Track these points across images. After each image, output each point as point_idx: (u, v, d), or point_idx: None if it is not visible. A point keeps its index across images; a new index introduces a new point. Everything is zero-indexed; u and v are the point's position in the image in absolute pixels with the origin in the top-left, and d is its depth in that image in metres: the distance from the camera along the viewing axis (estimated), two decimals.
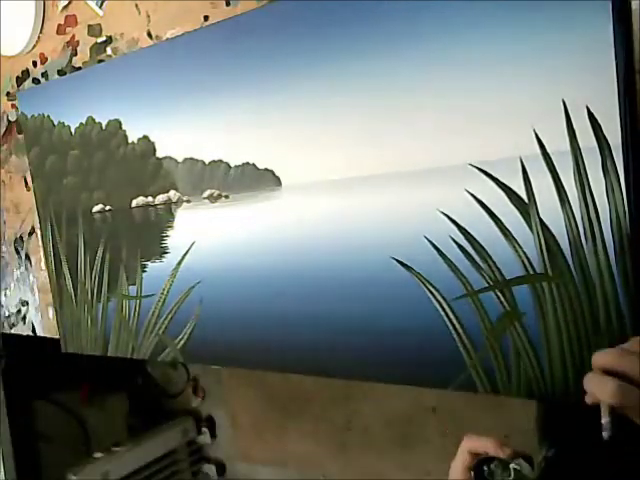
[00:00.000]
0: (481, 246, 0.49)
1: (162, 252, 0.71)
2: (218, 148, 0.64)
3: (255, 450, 1.66)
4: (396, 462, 1.42)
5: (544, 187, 0.46)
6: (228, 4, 0.61)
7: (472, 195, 0.49)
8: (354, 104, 0.54)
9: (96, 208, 0.76)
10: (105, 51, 0.74)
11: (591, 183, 0.44)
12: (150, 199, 0.71)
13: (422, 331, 0.53)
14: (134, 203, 0.72)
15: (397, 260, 0.53)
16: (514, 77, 0.46)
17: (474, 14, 0.47)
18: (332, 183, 0.56)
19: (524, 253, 0.47)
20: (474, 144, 0.48)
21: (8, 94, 0.86)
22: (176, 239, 0.69)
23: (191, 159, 0.66)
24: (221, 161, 0.64)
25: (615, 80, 0.42)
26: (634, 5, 0.42)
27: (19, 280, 0.91)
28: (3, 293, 0.96)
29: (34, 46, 0.81)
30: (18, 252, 0.91)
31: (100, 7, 0.73)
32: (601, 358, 0.37)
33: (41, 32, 0.80)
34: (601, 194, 0.44)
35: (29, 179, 0.85)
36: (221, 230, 0.65)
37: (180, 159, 0.67)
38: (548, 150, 0.45)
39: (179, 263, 0.69)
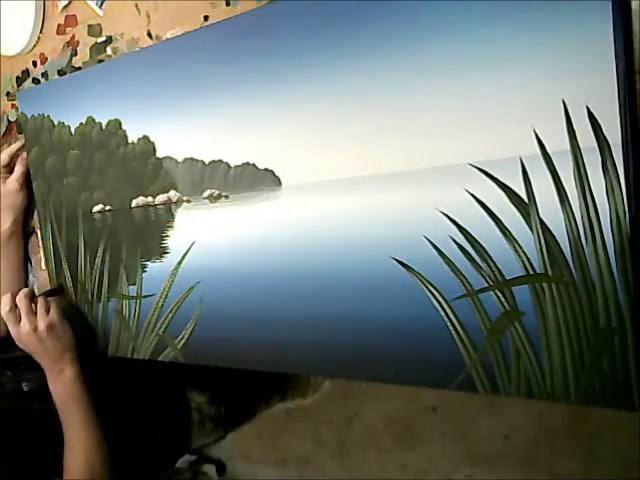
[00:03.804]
0: (481, 246, 0.49)
1: (162, 252, 0.71)
2: (218, 148, 0.64)
3: (255, 450, 1.66)
4: (396, 462, 1.42)
5: (544, 187, 0.46)
6: (228, 4, 0.61)
7: (472, 195, 0.49)
8: (354, 104, 0.54)
9: (96, 208, 0.76)
10: (105, 51, 0.74)
11: (591, 183, 0.44)
12: (150, 199, 0.71)
13: (422, 331, 0.53)
14: (134, 203, 0.72)
15: (397, 260, 0.53)
16: (514, 77, 0.46)
17: (474, 14, 0.47)
18: (332, 183, 0.56)
19: (524, 253, 0.47)
20: (474, 144, 0.48)
21: (8, 94, 0.86)
22: (176, 239, 0.69)
23: (191, 159, 0.66)
24: (221, 161, 0.64)
25: (615, 80, 0.42)
26: (634, 5, 0.42)
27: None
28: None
29: (34, 46, 0.81)
30: None
31: (100, 7, 0.73)
32: None
33: (41, 32, 0.80)
34: (601, 194, 0.44)
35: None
36: (221, 230, 0.65)
37: (180, 159, 0.67)
38: (548, 150, 0.45)
39: (179, 263, 0.69)
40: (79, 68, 0.77)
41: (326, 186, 0.57)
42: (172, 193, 0.69)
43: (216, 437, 1.03)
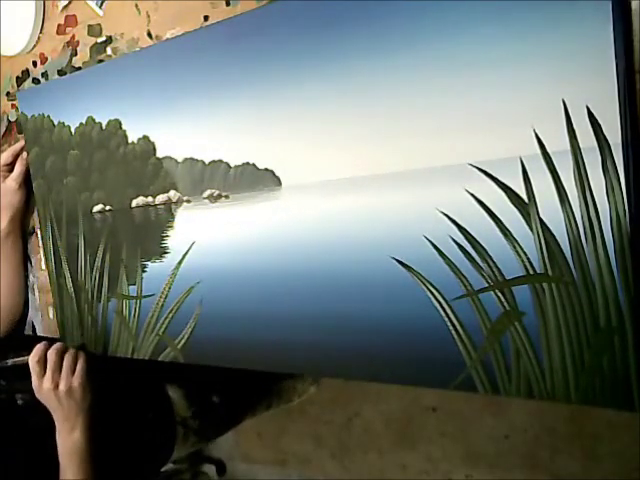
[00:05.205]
0: (481, 246, 0.49)
1: (162, 252, 0.71)
2: (218, 148, 0.64)
3: (255, 450, 1.66)
4: (396, 462, 1.43)
5: (544, 187, 0.46)
6: (228, 4, 0.61)
7: (472, 195, 0.49)
8: (354, 104, 0.54)
9: (96, 208, 0.76)
10: (105, 51, 0.74)
11: (591, 183, 0.44)
12: (150, 199, 0.71)
13: (422, 331, 0.53)
14: (134, 203, 0.72)
15: (397, 260, 0.53)
16: (514, 77, 0.46)
17: (474, 14, 0.47)
18: (332, 183, 0.56)
19: (524, 253, 0.47)
20: (474, 144, 0.48)
21: (8, 94, 0.86)
22: (176, 239, 0.69)
23: (191, 159, 0.66)
24: (221, 161, 0.64)
25: (615, 80, 0.42)
26: (634, 5, 0.42)
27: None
28: None
29: (34, 46, 0.81)
30: None
31: (100, 7, 0.73)
32: None
33: (41, 32, 0.80)
34: (601, 194, 0.44)
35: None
36: (221, 230, 0.65)
37: (180, 159, 0.67)
38: (548, 150, 0.45)
39: (179, 263, 0.69)
40: (79, 68, 0.77)
41: (326, 186, 0.57)
42: (172, 193, 0.69)
43: (198, 447, 1.04)
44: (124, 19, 0.71)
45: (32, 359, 0.74)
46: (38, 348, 0.75)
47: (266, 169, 0.60)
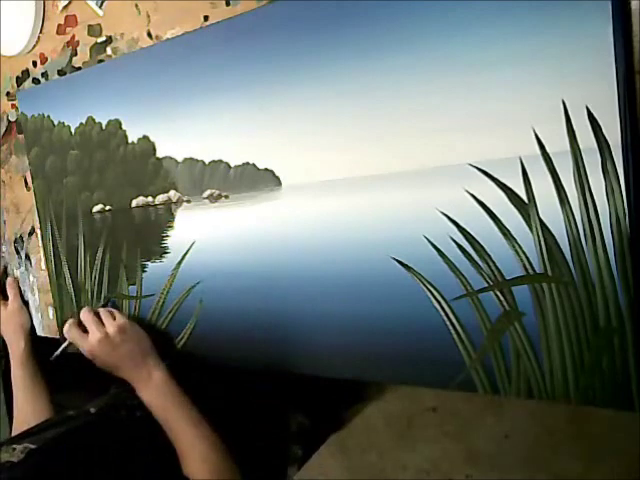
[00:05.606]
0: (481, 246, 0.49)
1: (162, 252, 0.71)
2: (218, 148, 0.64)
3: None
4: (396, 462, 1.42)
5: (544, 187, 0.46)
6: (228, 4, 0.61)
7: (472, 195, 0.49)
8: (354, 104, 0.54)
9: (96, 208, 0.76)
10: (105, 51, 0.74)
11: (591, 183, 0.44)
12: (150, 199, 0.71)
13: (422, 331, 0.53)
14: (134, 203, 0.72)
15: (397, 260, 0.53)
16: (514, 77, 0.46)
17: (474, 14, 0.47)
18: (332, 183, 0.56)
19: (524, 253, 0.47)
20: (474, 144, 0.48)
21: (8, 94, 0.86)
22: (176, 239, 0.69)
23: (191, 159, 0.66)
24: (221, 161, 0.64)
25: (615, 80, 0.42)
26: (634, 5, 0.42)
27: (19, 280, 0.91)
28: None
29: (34, 46, 0.81)
30: (18, 252, 0.90)
31: (100, 7, 0.73)
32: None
33: (41, 32, 0.80)
34: (601, 194, 0.44)
35: (29, 179, 0.85)
36: (221, 230, 0.65)
37: (180, 159, 0.67)
38: (548, 150, 0.45)
39: (179, 263, 0.69)
40: (79, 68, 0.77)
41: (326, 186, 0.57)
42: (172, 193, 0.69)
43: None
44: (124, 19, 0.71)
45: (66, 330, 0.66)
46: (67, 323, 0.67)
47: (266, 169, 0.60)
